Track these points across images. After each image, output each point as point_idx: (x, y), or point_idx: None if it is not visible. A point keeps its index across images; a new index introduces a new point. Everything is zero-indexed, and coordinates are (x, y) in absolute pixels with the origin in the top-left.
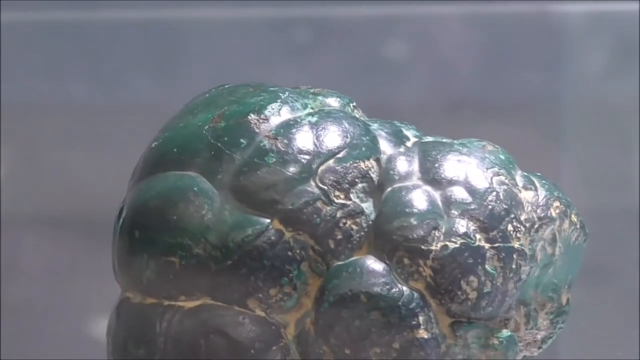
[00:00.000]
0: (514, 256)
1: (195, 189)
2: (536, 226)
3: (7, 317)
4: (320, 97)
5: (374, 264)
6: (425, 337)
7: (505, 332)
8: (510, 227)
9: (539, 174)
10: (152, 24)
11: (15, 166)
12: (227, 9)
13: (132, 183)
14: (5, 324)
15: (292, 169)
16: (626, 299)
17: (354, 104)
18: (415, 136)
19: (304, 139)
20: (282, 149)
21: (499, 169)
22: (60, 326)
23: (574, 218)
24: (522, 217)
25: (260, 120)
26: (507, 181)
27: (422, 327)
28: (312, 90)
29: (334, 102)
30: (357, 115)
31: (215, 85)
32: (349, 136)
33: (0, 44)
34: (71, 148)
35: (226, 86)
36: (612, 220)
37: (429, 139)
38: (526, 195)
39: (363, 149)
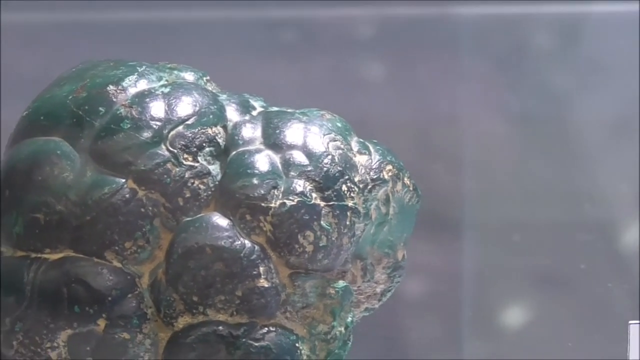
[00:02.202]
0: (348, 214)
1: (58, 152)
2: (369, 187)
3: None
4: (175, 71)
5: (219, 220)
6: (266, 285)
7: (342, 283)
8: (344, 187)
9: (375, 140)
10: (141, 25)
11: None
12: (217, 10)
13: (6, 149)
14: None
15: (145, 134)
16: (577, 308)
17: (208, 77)
18: (262, 106)
19: (156, 107)
20: (137, 116)
21: (335, 135)
22: None
23: (406, 181)
24: (356, 179)
25: (118, 91)
26: (342, 146)
27: (262, 276)
28: (169, 65)
29: (188, 75)
30: (209, 88)
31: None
32: (197, 105)
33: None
34: None
35: (91, 61)
36: (568, 232)
37: (274, 108)
38: (360, 159)
39: (211, 116)
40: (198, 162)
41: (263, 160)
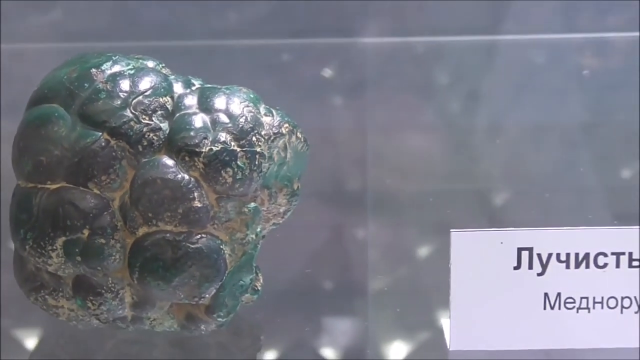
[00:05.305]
0: (257, 157)
1: (56, 114)
2: (272, 138)
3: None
4: (141, 60)
5: (167, 160)
6: (199, 205)
7: (253, 204)
8: (254, 138)
9: (277, 107)
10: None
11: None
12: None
13: (24, 112)
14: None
15: (115, 102)
16: None
17: (163, 64)
18: (200, 84)
19: (124, 83)
20: (110, 89)
21: (249, 103)
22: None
23: (299, 135)
24: (263, 132)
25: (98, 72)
26: (253, 110)
27: (197, 200)
28: (136, 56)
29: (150, 63)
30: (163, 71)
31: None
32: (153, 82)
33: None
34: None
35: (83, 53)
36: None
37: (208, 85)
38: (266, 119)
39: (162, 90)
40: (152, 121)
41: (198, 120)
